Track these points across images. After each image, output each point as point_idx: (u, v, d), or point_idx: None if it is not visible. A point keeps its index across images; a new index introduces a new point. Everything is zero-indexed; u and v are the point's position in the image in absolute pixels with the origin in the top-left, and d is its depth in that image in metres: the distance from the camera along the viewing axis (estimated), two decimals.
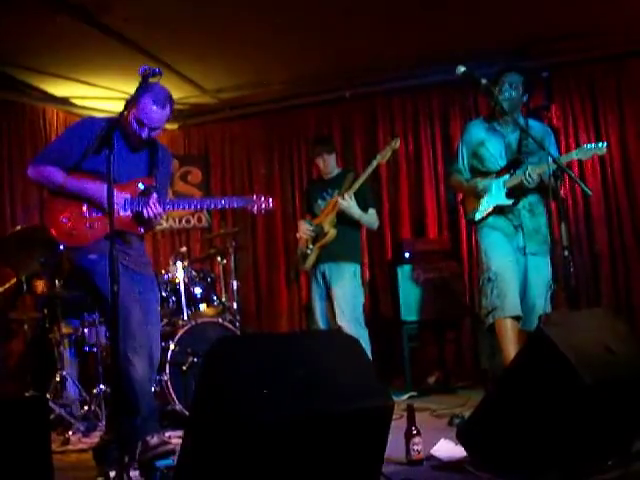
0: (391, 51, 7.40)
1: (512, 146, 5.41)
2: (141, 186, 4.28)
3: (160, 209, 4.20)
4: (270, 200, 4.43)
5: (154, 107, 4.16)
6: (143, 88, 3.98)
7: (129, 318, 4.06)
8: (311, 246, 6.28)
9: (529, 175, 5.13)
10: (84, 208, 4.21)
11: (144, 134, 4.22)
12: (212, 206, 4.47)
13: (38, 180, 4.30)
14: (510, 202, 5.32)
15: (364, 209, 6.28)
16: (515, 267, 5.29)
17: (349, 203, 6.15)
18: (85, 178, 4.17)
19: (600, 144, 5.15)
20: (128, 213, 4.23)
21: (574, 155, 5.20)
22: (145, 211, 4.18)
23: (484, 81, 4.93)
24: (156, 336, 4.37)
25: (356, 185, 6.15)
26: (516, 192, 5.30)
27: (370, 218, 6.34)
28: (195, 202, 4.40)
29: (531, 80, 5.71)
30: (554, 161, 4.67)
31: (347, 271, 6.21)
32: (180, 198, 4.60)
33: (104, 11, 6.13)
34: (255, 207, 4.39)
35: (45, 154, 4.33)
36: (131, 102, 4.13)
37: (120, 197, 4.18)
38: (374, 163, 6.22)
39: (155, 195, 4.21)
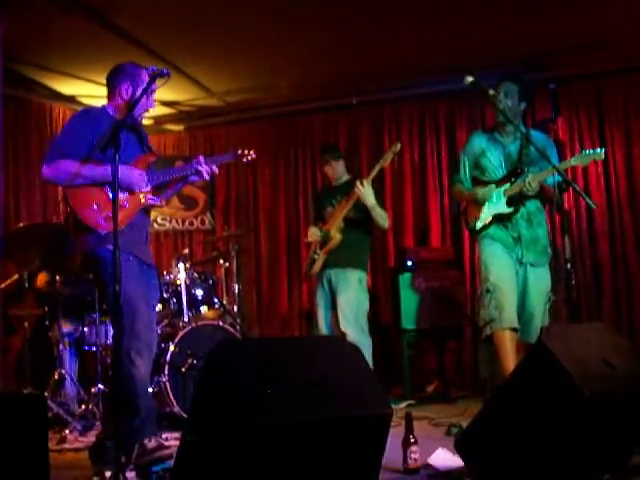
0: (399, 59, 7.41)
1: (512, 156, 5.43)
2: (152, 158, 4.49)
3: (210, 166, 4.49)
4: (252, 152, 4.69)
5: (145, 71, 4.35)
6: (127, 71, 4.39)
7: (136, 318, 4.07)
8: (318, 251, 6.29)
9: (529, 183, 5.13)
10: (108, 192, 4.23)
11: (151, 104, 4.46)
12: (206, 164, 4.55)
13: (55, 176, 4.25)
14: (510, 210, 5.32)
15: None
16: (514, 279, 5.29)
17: (366, 190, 6.11)
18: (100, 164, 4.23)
19: (598, 149, 5.14)
20: (149, 188, 4.37)
21: (572, 162, 5.21)
22: (204, 174, 4.46)
23: (491, 91, 4.97)
24: (154, 334, 4.42)
25: (372, 173, 6.14)
26: (515, 200, 5.31)
27: (382, 212, 6.30)
28: (186, 168, 4.53)
29: (532, 90, 5.74)
30: (559, 173, 4.68)
31: (353, 278, 6.21)
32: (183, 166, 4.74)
33: (114, 11, 6.15)
34: (243, 159, 4.69)
35: (55, 151, 4.29)
36: (133, 84, 4.34)
37: (142, 175, 4.33)
38: (377, 167, 6.18)
39: (201, 157, 4.47)
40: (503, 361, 5.14)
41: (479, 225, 5.44)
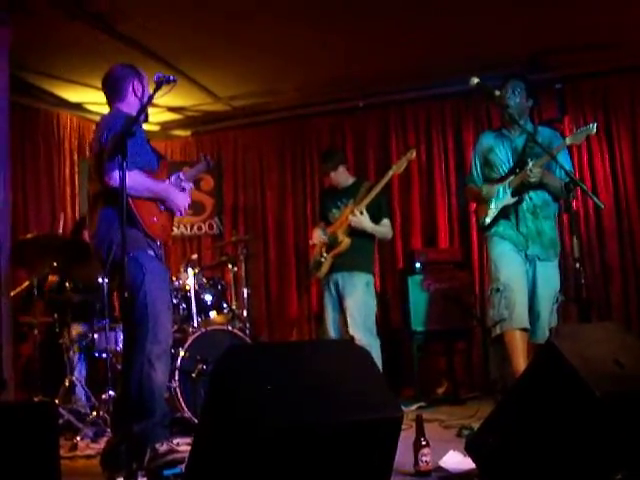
0: (405, 61, 7.42)
1: (519, 150, 5.44)
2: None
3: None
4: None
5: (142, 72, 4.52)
6: (138, 75, 4.46)
7: (159, 324, 4.13)
8: (325, 254, 6.29)
9: (530, 170, 5.13)
10: (158, 204, 4.35)
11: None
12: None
13: (130, 186, 3.97)
14: (514, 200, 5.31)
15: (378, 219, 6.28)
16: (524, 278, 5.28)
17: (360, 218, 6.16)
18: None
19: (590, 125, 5.18)
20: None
21: (568, 141, 5.22)
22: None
23: (497, 92, 4.98)
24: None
25: (368, 198, 6.15)
26: (520, 190, 5.30)
27: (383, 229, 6.34)
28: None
29: (539, 89, 5.75)
30: (567, 174, 4.68)
31: (360, 281, 6.20)
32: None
33: (120, 18, 6.17)
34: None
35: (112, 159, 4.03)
36: (140, 90, 4.45)
37: (187, 199, 4.51)
38: (389, 173, 6.23)
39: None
40: (514, 361, 5.13)
41: (488, 220, 5.42)
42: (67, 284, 6.20)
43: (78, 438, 5.35)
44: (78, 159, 8.38)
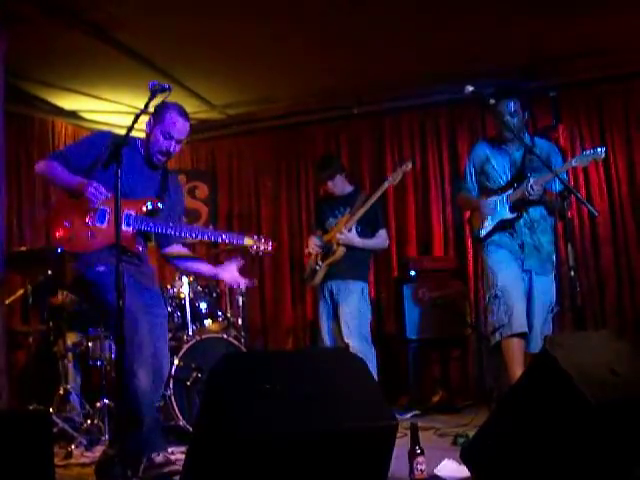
0: (399, 69, 7.42)
1: (517, 163, 5.43)
2: (149, 205, 4.35)
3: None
4: (270, 243, 4.63)
5: (180, 119, 4.40)
6: (163, 105, 4.32)
7: (136, 332, 4.07)
8: (320, 263, 6.29)
9: (531, 187, 5.13)
10: (87, 218, 4.25)
11: (172, 147, 4.40)
12: (213, 238, 4.55)
13: (41, 172, 4.40)
14: (513, 216, 5.31)
15: (374, 230, 6.29)
16: (521, 285, 5.29)
17: (347, 236, 6.17)
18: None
19: (599, 149, 5.09)
20: (129, 229, 4.28)
21: (573, 162, 5.20)
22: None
23: (492, 100, 4.97)
24: (165, 352, 4.40)
25: (363, 210, 6.15)
26: (519, 205, 5.30)
27: (377, 241, 6.35)
28: (197, 231, 4.58)
29: (534, 98, 5.73)
30: (560, 181, 4.69)
31: (355, 289, 6.20)
32: (186, 226, 4.74)
33: (114, 26, 6.17)
34: (254, 247, 4.59)
35: (57, 153, 4.46)
36: (155, 118, 4.39)
37: (124, 213, 4.19)
38: (385, 185, 6.25)
39: None
40: (511, 369, 5.12)
41: (483, 233, 5.43)
42: (61, 292, 6.20)
43: (73, 446, 5.33)
44: None
